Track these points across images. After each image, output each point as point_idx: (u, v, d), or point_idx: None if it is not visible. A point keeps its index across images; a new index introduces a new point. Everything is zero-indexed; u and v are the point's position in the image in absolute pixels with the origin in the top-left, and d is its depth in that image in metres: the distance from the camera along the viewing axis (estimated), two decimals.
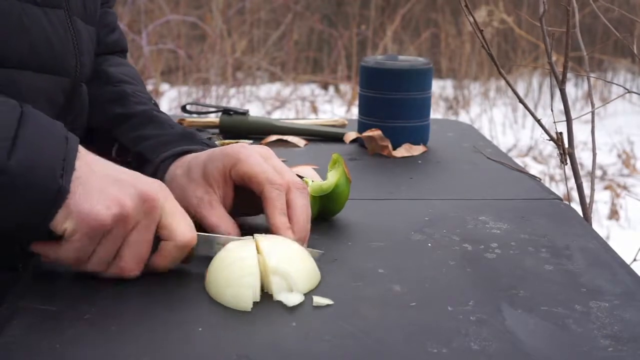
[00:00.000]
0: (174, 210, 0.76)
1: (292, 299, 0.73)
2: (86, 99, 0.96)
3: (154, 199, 0.74)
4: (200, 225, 0.87)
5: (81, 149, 0.74)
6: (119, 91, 1.03)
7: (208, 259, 0.78)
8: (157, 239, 0.76)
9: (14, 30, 0.82)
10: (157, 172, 0.91)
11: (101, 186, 0.72)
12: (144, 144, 0.95)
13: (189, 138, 0.95)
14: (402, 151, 1.26)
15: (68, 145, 0.72)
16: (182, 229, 0.76)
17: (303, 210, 0.84)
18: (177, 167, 0.90)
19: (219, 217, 0.84)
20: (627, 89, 1.27)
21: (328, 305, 0.73)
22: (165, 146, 0.93)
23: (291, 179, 0.85)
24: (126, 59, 1.15)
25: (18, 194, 0.69)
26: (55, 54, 0.88)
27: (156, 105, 1.04)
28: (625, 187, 3.75)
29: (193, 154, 0.91)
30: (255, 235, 0.80)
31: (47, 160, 0.70)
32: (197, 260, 0.80)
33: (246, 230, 0.84)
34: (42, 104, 0.85)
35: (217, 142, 1.27)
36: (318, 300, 0.73)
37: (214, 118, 1.38)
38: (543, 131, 1.21)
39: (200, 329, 0.68)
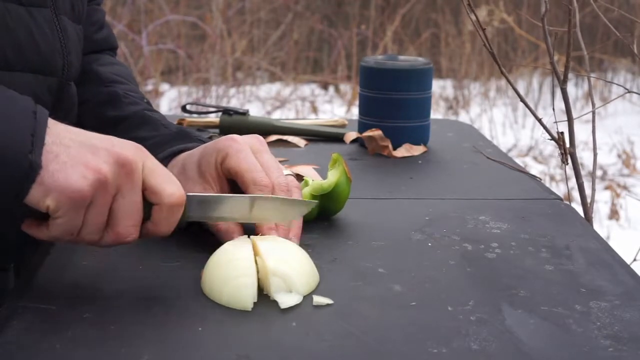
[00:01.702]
0: (155, 170, 0.74)
1: (288, 300, 0.73)
2: (75, 97, 0.95)
3: (131, 161, 0.72)
4: (200, 224, 0.86)
5: (50, 122, 0.72)
6: (111, 92, 1.02)
7: (205, 259, 0.78)
8: (149, 205, 0.74)
9: None
10: None
11: (75, 157, 0.70)
12: None
13: (183, 137, 0.95)
14: (403, 151, 1.26)
15: (37, 119, 0.70)
16: (169, 189, 0.74)
17: None
18: (173, 167, 0.90)
19: None
20: (627, 89, 1.27)
21: (328, 305, 0.73)
22: (160, 147, 0.93)
23: (276, 180, 0.85)
24: (116, 57, 1.15)
25: None
26: (41, 54, 0.87)
27: (149, 103, 1.04)
28: (625, 187, 3.75)
29: (187, 152, 0.91)
30: (252, 236, 0.80)
31: (15, 136, 0.68)
32: (195, 260, 0.80)
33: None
34: None
35: None
36: (318, 299, 0.73)
37: (214, 118, 1.38)
38: (544, 131, 1.21)
39: (200, 329, 0.68)
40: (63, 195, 0.69)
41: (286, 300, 0.73)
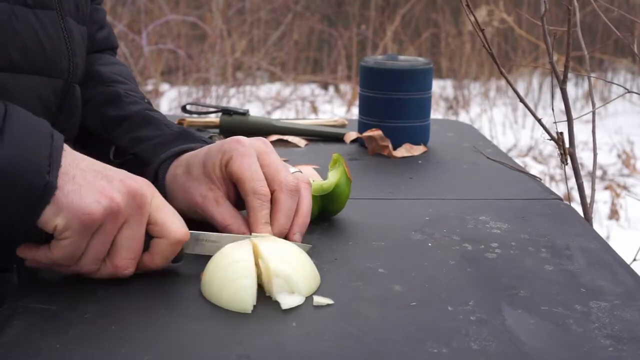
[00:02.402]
0: (162, 206, 0.76)
1: (291, 301, 0.73)
2: (79, 99, 0.95)
3: (142, 194, 0.74)
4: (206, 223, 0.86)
5: (66, 147, 0.74)
6: (112, 92, 1.02)
7: (206, 260, 0.78)
8: (148, 237, 0.76)
9: (4, 34, 0.82)
10: (157, 174, 0.91)
11: (89, 181, 0.72)
12: (142, 146, 0.94)
13: (186, 137, 0.95)
14: (403, 151, 1.26)
15: (53, 142, 0.72)
16: (176, 226, 0.76)
17: (285, 213, 0.83)
18: (177, 167, 0.90)
19: (228, 214, 0.84)
20: (627, 89, 1.27)
21: (328, 305, 0.73)
22: (163, 147, 0.93)
23: (284, 179, 0.84)
24: (116, 57, 1.15)
25: (4, 190, 0.69)
26: (47, 56, 0.87)
27: (149, 103, 1.04)
28: (625, 187, 3.75)
29: (191, 152, 0.90)
30: (253, 237, 0.80)
31: (33, 157, 0.70)
32: (196, 261, 0.80)
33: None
34: (35, 106, 0.84)
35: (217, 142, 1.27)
36: (318, 300, 0.73)
37: (214, 118, 1.38)
38: (544, 131, 1.21)
39: (200, 329, 0.68)
40: (74, 215, 0.71)
41: (288, 301, 0.73)
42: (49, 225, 0.71)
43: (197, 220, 0.85)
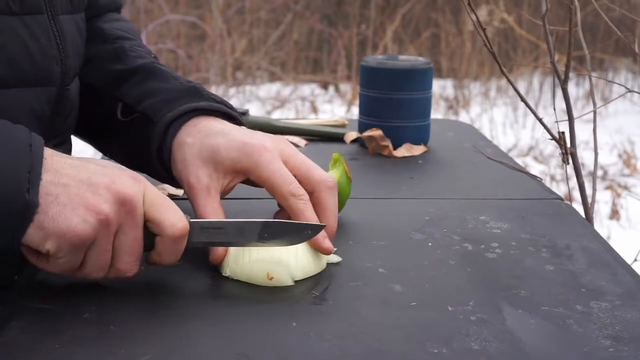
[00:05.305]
0: (156, 201, 0.73)
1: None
2: (75, 99, 0.92)
3: (131, 199, 0.71)
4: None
5: (47, 154, 0.70)
6: (117, 48, 0.98)
7: (205, 260, 0.77)
8: (153, 235, 0.73)
9: None
10: (165, 136, 0.87)
11: (73, 198, 0.69)
12: (148, 102, 0.90)
13: (195, 93, 0.89)
14: (403, 151, 1.26)
15: (32, 153, 0.68)
16: (170, 220, 0.72)
17: (333, 213, 0.84)
18: (188, 135, 0.86)
19: (211, 208, 0.81)
20: (628, 89, 1.27)
21: (328, 305, 0.73)
22: (169, 104, 0.88)
23: (321, 177, 0.84)
24: (120, 14, 1.09)
25: None
26: (37, 66, 0.82)
27: (156, 58, 0.99)
28: (626, 187, 3.75)
29: (207, 124, 0.86)
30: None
31: (11, 174, 0.67)
32: (195, 260, 0.80)
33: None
34: (28, 119, 0.81)
35: None
36: (331, 258, 0.80)
37: None
38: (545, 130, 1.20)
39: (200, 329, 0.68)
40: (64, 239, 0.68)
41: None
42: (40, 249, 0.69)
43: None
